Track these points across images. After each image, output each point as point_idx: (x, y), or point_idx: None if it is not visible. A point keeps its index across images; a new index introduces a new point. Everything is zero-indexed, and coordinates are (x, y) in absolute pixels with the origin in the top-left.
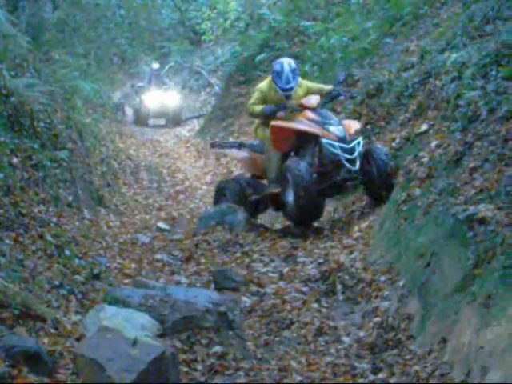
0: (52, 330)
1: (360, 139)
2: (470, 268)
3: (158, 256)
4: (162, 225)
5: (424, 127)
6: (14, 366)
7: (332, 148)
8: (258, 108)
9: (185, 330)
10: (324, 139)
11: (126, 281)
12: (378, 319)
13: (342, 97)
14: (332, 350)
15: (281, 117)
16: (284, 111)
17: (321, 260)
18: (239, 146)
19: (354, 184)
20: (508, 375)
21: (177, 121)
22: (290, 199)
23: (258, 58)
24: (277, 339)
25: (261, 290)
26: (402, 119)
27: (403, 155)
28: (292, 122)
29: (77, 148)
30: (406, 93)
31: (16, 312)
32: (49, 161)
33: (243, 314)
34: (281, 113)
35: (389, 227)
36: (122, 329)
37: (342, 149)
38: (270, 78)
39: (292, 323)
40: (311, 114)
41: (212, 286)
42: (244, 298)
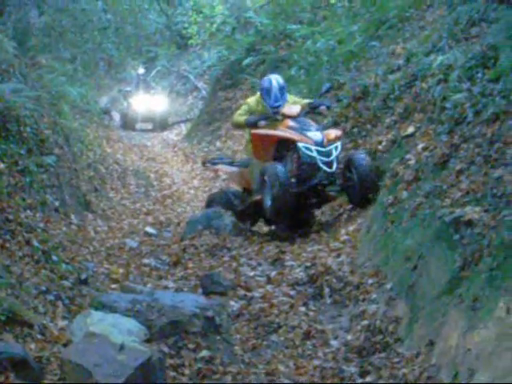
0: (39, 336)
1: (338, 144)
2: (457, 270)
3: (146, 261)
4: (150, 229)
5: (410, 130)
6: (1, 373)
7: (308, 151)
8: (241, 118)
9: (172, 335)
10: (301, 143)
11: (114, 286)
12: (366, 322)
13: (323, 107)
14: (320, 354)
15: (262, 126)
16: (265, 121)
17: (308, 263)
18: (230, 163)
19: (338, 191)
20: (495, 377)
21: (164, 125)
22: (269, 203)
23: (245, 62)
24: (264, 343)
25: (248, 294)
26: (389, 122)
27: (390, 158)
28: (271, 130)
29: (64, 153)
30: (393, 96)
31: (3, 318)
32: (35, 166)
33: (231, 319)
34: (262, 122)
35: (376, 230)
36: (109, 334)
37: (319, 152)
38: (259, 94)
39: (280, 327)
40: (291, 123)
41: (199, 291)
42: (231, 302)
